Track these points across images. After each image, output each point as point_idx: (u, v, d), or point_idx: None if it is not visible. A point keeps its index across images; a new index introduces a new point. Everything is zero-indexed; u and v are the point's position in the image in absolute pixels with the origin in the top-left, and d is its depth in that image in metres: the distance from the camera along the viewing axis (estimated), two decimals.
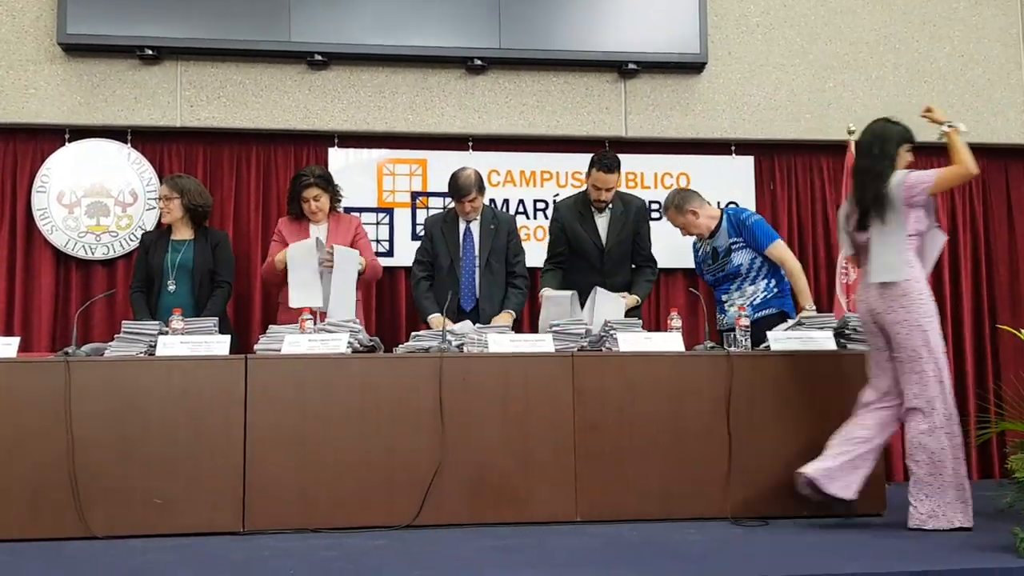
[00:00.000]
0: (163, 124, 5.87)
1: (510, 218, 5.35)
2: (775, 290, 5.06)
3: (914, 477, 3.96)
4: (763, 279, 5.06)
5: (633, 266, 5.30)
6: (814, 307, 4.93)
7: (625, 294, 5.10)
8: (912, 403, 3.96)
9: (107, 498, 4.00)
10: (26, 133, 5.87)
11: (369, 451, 4.15)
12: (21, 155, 5.86)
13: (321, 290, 4.80)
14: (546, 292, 5.06)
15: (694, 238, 5.29)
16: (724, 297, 5.12)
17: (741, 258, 5.06)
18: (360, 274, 5.02)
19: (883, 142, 4.09)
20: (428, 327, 4.92)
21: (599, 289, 4.94)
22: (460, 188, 5.05)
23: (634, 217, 5.22)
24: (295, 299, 4.79)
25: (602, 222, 5.21)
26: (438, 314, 4.90)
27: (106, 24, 5.70)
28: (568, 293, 4.94)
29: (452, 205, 5.23)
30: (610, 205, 5.20)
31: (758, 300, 5.03)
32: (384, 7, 5.92)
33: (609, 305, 4.91)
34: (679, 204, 5.14)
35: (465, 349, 4.42)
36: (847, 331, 4.54)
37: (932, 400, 3.91)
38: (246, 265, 5.89)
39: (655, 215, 5.91)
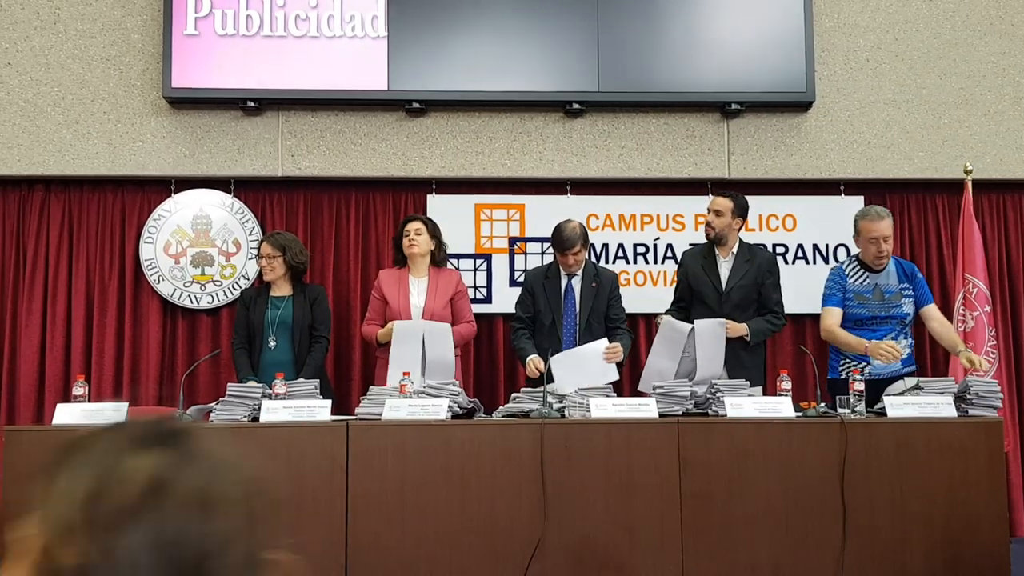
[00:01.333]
0: (265, 174, 5.94)
1: (613, 276, 5.21)
2: (913, 347, 4.92)
3: None
4: (911, 336, 4.91)
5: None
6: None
7: (728, 322, 4.83)
8: None
9: None
10: (134, 185, 6.00)
11: (470, 520, 4.09)
12: (129, 206, 5.99)
13: (422, 372, 4.75)
14: (666, 318, 4.91)
15: (842, 263, 5.04)
16: (875, 342, 4.77)
17: (909, 308, 4.86)
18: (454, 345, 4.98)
19: None
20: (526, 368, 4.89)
21: (697, 320, 4.81)
22: (564, 241, 4.93)
23: (758, 267, 5.00)
24: (394, 377, 4.73)
25: (725, 267, 5.02)
26: (536, 355, 4.84)
27: (209, 77, 5.78)
28: (688, 326, 4.80)
29: (552, 258, 5.16)
30: (734, 251, 5.03)
31: (905, 354, 4.82)
32: (481, 52, 5.87)
33: (709, 331, 4.76)
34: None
35: (567, 414, 4.33)
36: (968, 395, 4.32)
37: None
38: (346, 315, 5.92)
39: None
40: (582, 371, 4.61)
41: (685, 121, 6.05)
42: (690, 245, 5.54)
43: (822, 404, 4.43)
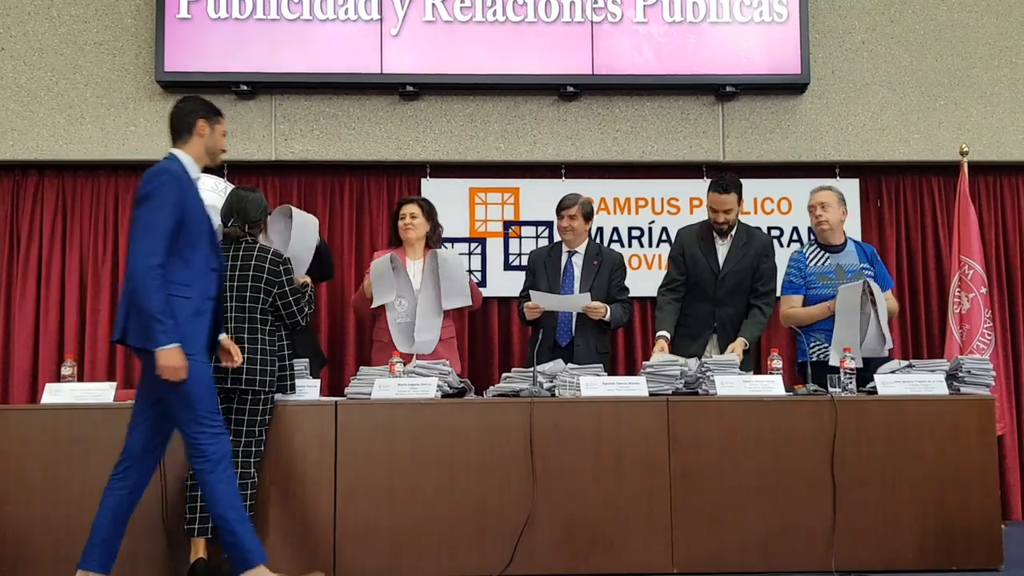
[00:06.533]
0: (258, 158, 5.93)
1: (617, 255, 5.19)
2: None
3: None
4: None
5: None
6: None
7: (734, 351, 4.72)
8: None
9: None
10: (128, 169, 5.99)
11: (460, 498, 4.09)
12: (123, 191, 5.98)
13: (395, 289, 4.84)
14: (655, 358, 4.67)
15: (803, 249, 5.02)
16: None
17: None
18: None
19: None
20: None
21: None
22: (563, 200, 5.05)
23: (755, 251, 4.92)
24: (377, 301, 4.86)
25: (722, 249, 4.94)
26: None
27: (202, 61, 5.77)
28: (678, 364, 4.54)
29: (557, 239, 5.18)
30: (732, 233, 4.95)
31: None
32: (475, 36, 5.85)
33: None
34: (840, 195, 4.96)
35: (557, 393, 4.32)
36: (960, 373, 4.29)
37: None
38: (340, 299, 5.92)
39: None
40: (558, 302, 4.93)
41: (680, 104, 6.02)
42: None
43: (812, 385, 4.40)
